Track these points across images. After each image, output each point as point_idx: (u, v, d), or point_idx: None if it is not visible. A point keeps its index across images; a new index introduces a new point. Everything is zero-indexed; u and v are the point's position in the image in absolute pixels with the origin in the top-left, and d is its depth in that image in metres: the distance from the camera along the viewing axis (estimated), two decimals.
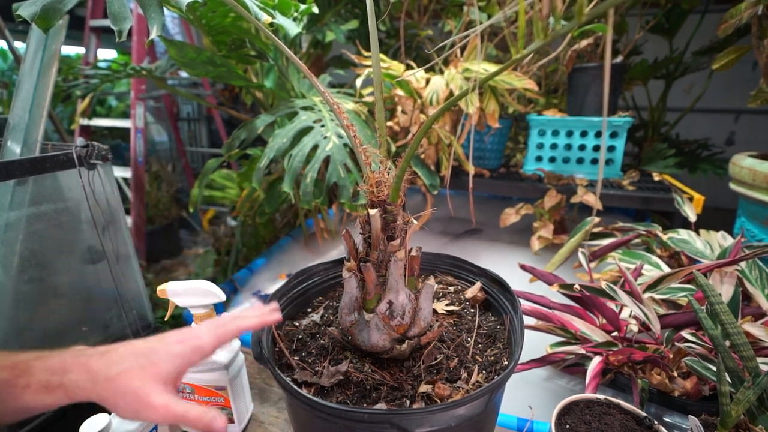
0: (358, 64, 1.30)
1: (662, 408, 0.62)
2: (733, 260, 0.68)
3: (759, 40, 1.00)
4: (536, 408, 0.67)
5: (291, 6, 0.88)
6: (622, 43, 1.66)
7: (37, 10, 0.58)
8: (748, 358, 0.50)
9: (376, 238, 0.48)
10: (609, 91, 1.35)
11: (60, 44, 0.90)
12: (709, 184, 1.80)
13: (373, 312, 0.49)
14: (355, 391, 0.48)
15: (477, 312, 0.62)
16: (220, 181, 1.69)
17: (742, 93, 1.20)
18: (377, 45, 0.50)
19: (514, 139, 1.77)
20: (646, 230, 0.95)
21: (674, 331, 0.66)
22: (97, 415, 0.53)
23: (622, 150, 1.30)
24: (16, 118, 0.84)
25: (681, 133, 1.97)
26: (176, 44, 0.94)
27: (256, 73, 1.29)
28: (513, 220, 1.24)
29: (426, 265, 0.71)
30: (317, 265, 0.66)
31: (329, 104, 0.47)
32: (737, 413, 0.48)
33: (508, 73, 1.09)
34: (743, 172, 0.98)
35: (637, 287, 0.66)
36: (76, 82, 1.38)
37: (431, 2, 1.57)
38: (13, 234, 0.72)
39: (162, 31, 0.65)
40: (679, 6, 1.58)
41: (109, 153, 0.81)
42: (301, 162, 0.91)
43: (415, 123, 1.14)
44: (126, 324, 0.92)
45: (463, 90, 0.51)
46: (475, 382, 0.49)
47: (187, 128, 3.42)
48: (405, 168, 0.45)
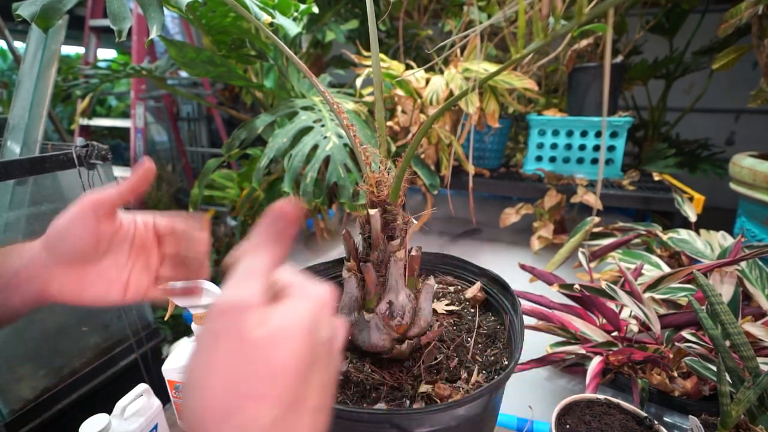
0: (358, 64, 1.30)
1: (662, 408, 0.62)
2: (733, 260, 0.68)
3: (759, 40, 1.00)
4: (536, 408, 0.67)
5: (291, 6, 0.88)
6: (622, 43, 1.66)
7: (37, 9, 0.58)
8: (748, 358, 0.50)
9: (376, 238, 0.48)
10: (609, 91, 1.35)
11: (60, 44, 0.90)
12: (709, 184, 1.80)
13: (372, 312, 0.48)
14: (355, 391, 0.48)
15: (477, 312, 0.62)
16: (220, 181, 1.69)
17: (742, 93, 1.20)
18: (377, 45, 0.50)
19: (514, 139, 1.77)
20: (646, 230, 0.95)
21: (674, 331, 0.66)
22: (97, 415, 0.53)
23: (622, 150, 1.30)
24: (16, 118, 0.84)
25: (681, 133, 1.97)
26: (176, 44, 0.94)
27: (256, 73, 1.29)
28: (513, 220, 1.24)
29: (426, 265, 0.71)
30: (317, 265, 0.66)
31: (329, 104, 0.47)
32: (737, 413, 0.48)
33: (508, 73, 1.09)
34: (743, 172, 0.98)
35: (637, 287, 0.66)
36: (76, 82, 1.38)
37: (431, 2, 1.57)
38: (13, 234, 0.72)
39: (162, 31, 0.65)
40: (679, 6, 1.58)
41: (108, 153, 0.81)
42: (301, 162, 0.91)
43: (415, 123, 1.14)
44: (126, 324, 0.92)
45: (463, 90, 0.51)
46: (475, 382, 0.49)
47: (187, 128, 3.42)
48: (405, 168, 0.45)
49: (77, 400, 0.80)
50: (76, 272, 0.39)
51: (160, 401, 0.60)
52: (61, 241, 0.37)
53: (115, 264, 0.40)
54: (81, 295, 0.39)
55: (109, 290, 0.40)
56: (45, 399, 0.76)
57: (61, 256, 0.38)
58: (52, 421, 0.76)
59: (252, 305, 0.22)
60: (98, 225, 0.38)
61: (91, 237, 0.38)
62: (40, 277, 0.37)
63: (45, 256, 0.37)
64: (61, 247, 0.37)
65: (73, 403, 0.79)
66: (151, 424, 0.58)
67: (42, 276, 0.37)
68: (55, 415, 0.76)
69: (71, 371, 0.81)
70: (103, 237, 0.39)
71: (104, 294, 0.40)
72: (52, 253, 0.37)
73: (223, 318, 0.22)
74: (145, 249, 0.43)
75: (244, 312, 0.21)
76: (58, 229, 0.37)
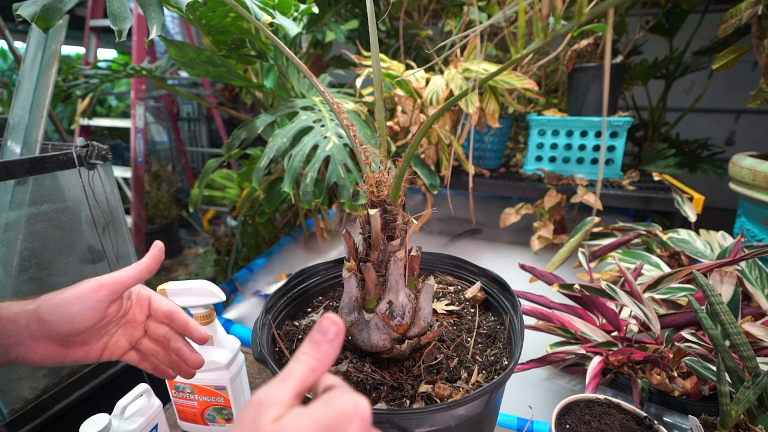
0: (358, 64, 1.30)
1: (662, 408, 0.62)
2: (733, 260, 0.68)
3: (759, 40, 1.00)
4: (536, 408, 0.67)
5: (291, 6, 0.88)
6: (622, 43, 1.66)
7: (37, 9, 0.58)
8: (748, 358, 0.50)
9: (376, 238, 0.48)
10: (609, 91, 1.35)
11: (60, 44, 0.90)
12: (709, 184, 1.81)
13: (373, 312, 0.49)
14: (355, 390, 0.48)
15: (477, 312, 0.62)
16: (220, 181, 1.69)
17: (742, 93, 1.20)
18: (377, 45, 0.50)
19: (514, 139, 1.77)
20: (646, 230, 0.95)
21: (674, 331, 0.66)
22: (97, 415, 0.53)
23: (622, 150, 1.30)
24: (16, 118, 0.84)
25: (681, 133, 1.97)
26: (176, 44, 0.94)
27: (256, 73, 1.29)
28: (513, 220, 1.24)
29: (426, 265, 0.71)
30: (317, 264, 0.66)
31: (329, 104, 0.47)
32: (737, 413, 0.48)
33: (508, 73, 1.09)
34: (743, 172, 0.99)
35: (637, 287, 0.66)
36: (76, 82, 1.38)
37: (431, 2, 1.57)
38: (13, 234, 0.72)
39: (162, 31, 0.65)
40: (679, 6, 1.58)
41: (109, 153, 0.81)
42: (301, 162, 0.91)
43: (415, 123, 1.14)
44: None
45: (463, 90, 0.51)
46: (475, 382, 0.49)
47: (187, 128, 3.42)
48: (405, 168, 0.45)
49: (77, 400, 0.80)
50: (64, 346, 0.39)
51: (160, 401, 0.60)
52: (64, 321, 0.37)
53: (100, 333, 0.41)
54: (62, 361, 0.39)
55: (88, 354, 0.41)
56: (45, 399, 0.76)
57: (57, 333, 0.37)
58: (52, 421, 0.76)
59: (275, 403, 0.24)
60: (108, 309, 0.39)
61: (99, 320, 0.38)
62: (24, 346, 0.37)
63: (35, 328, 0.37)
64: (62, 326, 0.37)
65: (73, 403, 0.79)
66: (151, 424, 0.58)
67: (26, 345, 0.37)
68: (55, 415, 0.76)
69: (71, 371, 0.81)
70: (109, 319, 0.40)
71: (83, 357, 0.41)
72: (47, 328, 0.37)
73: (247, 409, 0.24)
74: (133, 322, 0.44)
75: (265, 407, 0.24)
76: (62, 307, 0.37)
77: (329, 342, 0.27)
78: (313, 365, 0.27)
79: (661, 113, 1.78)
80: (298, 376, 0.26)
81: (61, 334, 0.37)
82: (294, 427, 0.23)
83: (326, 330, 0.27)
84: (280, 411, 0.24)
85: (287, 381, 0.26)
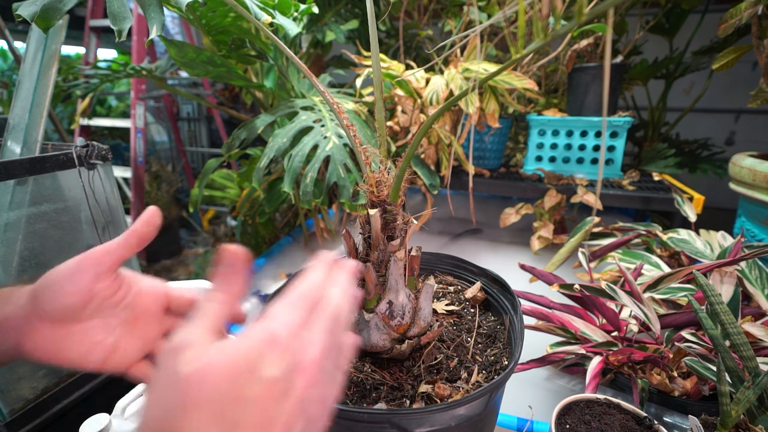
0: (358, 64, 1.30)
1: (662, 408, 0.62)
2: (733, 260, 0.68)
3: (759, 40, 1.00)
4: (536, 408, 0.67)
5: (291, 6, 0.88)
6: (622, 43, 1.66)
7: (37, 9, 0.58)
8: (748, 358, 0.50)
9: (376, 238, 0.48)
10: (609, 91, 1.35)
11: (60, 44, 0.90)
12: (709, 184, 1.81)
13: (372, 312, 0.49)
14: (355, 391, 0.48)
15: (477, 312, 0.62)
16: (220, 181, 1.69)
17: (742, 93, 1.20)
18: (377, 45, 0.50)
19: (514, 139, 1.78)
20: (646, 230, 0.95)
21: (674, 331, 0.66)
22: (97, 415, 0.53)
23: (622, 150, 1.30)
24: (16, 118, 0.84)
25: (681, 133, 1.97)
26: (176, 44, 0.94)
27: (256, 73, 1.29)
28: (513, 220, 1.24)
29: (426, 265, 0.71)
30: None
31: (329, 104, 0.47)
32: (737, 413, 0.48)
33: (508, 73, 1.09)
34: (743, 172, 0.99)
35: (637, 287, 0.66)
36: (76, 82, 1.38)
37: (431, 2, 1.57)
38: (13, 234, 0.72)
39: (162, 31, 0.65)
40: (679, 6, 1.58)
41: (109, 153, 0.81)
42: (301, 162, 0.91)
43: (415, 123, 1.14)
44: None
45: (463, 90, 0.51)
46: (475, 382, 0.49)
47: (187, 128, 3.42)
48: (405, 168, 0.45)
49: (77, 400, 0.80)
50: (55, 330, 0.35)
51: None
52: (50, 294, 0.34)
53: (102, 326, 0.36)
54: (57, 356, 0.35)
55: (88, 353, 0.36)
56: (45, 399, 0.75)
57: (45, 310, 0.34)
58: (52, 421, 0.76)
59: (190, 344, 0.23)
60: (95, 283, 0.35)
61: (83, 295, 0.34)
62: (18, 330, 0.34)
63: (29, 308, 0.34)
64: (48, 301, 0.34)
65: (73, 403, 0.79)
66: None
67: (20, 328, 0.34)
68: (55, 415, 0.76)
69: (71, 371, 0.81)
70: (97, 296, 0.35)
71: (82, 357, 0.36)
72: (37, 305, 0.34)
73: (164, 358, 0.23)
74: (144, 319, 0.38)
75: (181, 351, 0.23)
76: (50, 281, 0.34)
77: (234, 272, 0.27)
78: (222, 298, 0.27)
79: (661, 113, 1.78)
80: (208, 312, 0.26)
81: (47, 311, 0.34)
82: (212, 363, 0.22)
83: (229, 261, 0.27)
84: (198, 351, 0.23)
85: (199, 320, 0.25)
